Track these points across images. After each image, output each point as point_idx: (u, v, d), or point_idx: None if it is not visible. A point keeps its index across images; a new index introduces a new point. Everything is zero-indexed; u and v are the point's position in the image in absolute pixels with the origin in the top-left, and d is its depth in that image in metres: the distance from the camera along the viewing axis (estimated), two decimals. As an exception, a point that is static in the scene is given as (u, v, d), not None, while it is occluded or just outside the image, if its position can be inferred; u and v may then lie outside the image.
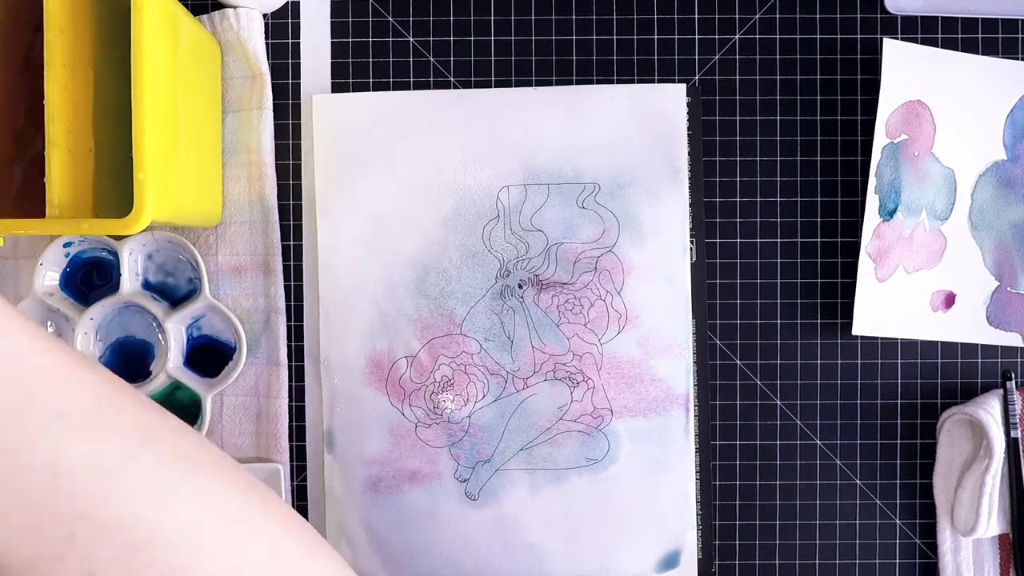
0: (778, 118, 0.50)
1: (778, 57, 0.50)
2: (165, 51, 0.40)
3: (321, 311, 0.50)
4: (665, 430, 0.49)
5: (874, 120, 0.48)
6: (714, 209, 0.50)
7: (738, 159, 0.50)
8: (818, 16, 0.50)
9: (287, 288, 0.50)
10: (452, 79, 0.50)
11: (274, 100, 0.50)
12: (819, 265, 0.50)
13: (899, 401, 0.50)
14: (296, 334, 0.50)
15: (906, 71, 0.47)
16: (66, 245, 0.49)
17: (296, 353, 0.50)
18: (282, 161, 0.50)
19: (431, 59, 0.50)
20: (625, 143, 0.49)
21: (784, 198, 0.50)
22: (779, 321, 0.50)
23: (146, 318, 0.50)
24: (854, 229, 0.50)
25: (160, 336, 0.50)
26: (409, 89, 0.50)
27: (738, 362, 0.50)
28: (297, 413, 0.51)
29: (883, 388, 0.50)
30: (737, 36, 0.50)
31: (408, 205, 0.50)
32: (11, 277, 0.50)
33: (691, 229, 0.50)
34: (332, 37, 0.50)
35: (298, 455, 0.51)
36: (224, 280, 0.50)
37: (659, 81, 0.50)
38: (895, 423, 0.50)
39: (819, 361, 0.50)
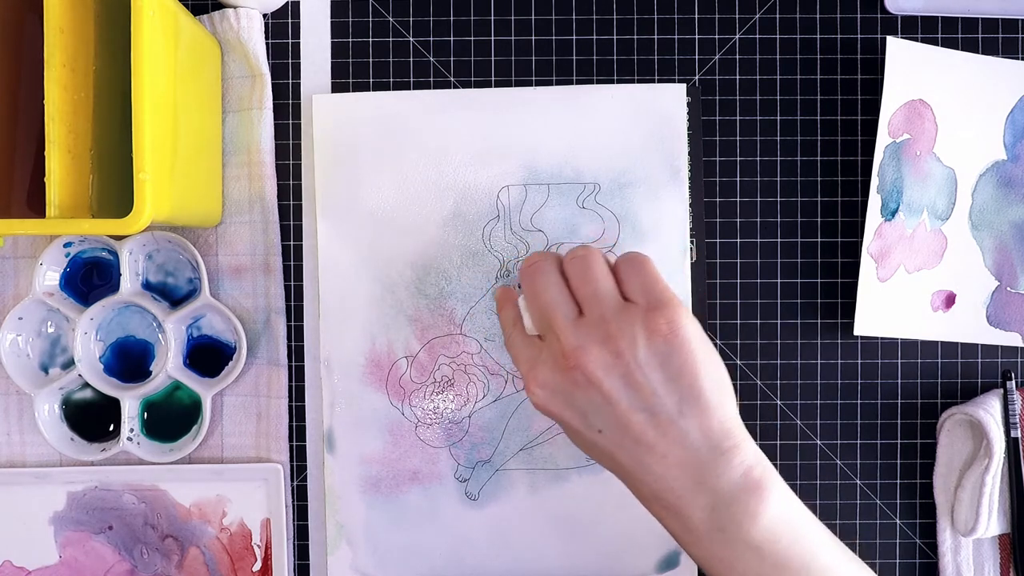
0: (778, 118, 0.50)
1: (778, 57, 0.50)
2: (165, 51, 0.40)
3: (321, 311, 0.50)
4: (665, 430, 0.49)
5: (874, 120, 0.48)
6: (714, 209, 0.50)
7: (738, 159, 0.50)
8: (818, 16, 0.50)
9: (287, 288, 0.50)
10: (452, 79, 0.50)
11: (274, 100, 0.50)
12: (819, 265, 0.50)
13: (899, 401, 0.50)
14: (296, 334, 0.50)
15: (909, 70, 0.47)
16: (66, 245, 0.49)
17: (296, 353, 0.50)
18: (282, 161, 0.50)
19: (431, 59, 0.50)
20: (625, 143, 0.49)
21: (784, 198, 0.50)
22: (779, 321, 0.50)
23: (146, 318, 0.50)
24: (854, 229, 0.50)
25: (160, 336, 0.50)
26: (409, 89, 0.50)
27: (738, 362, 0.50)
28: (297, 413, 0.51)
29: (883, 388, 0.50)
30: (737, 36, 0.50)
31: (408, 205, 0.50)
32: (11, 277, 0.50)
33: (691, 229, 0.50)
34: (332, 37, 0.50)
35: (298, 455, 0.51)
36: (224, 280, 0.50)
37: (659, 81, 0.50)
38: (895, 423, 0.50)
39: (819, 361, 0.50)
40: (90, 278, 0.50)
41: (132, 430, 0.49)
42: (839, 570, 0.38)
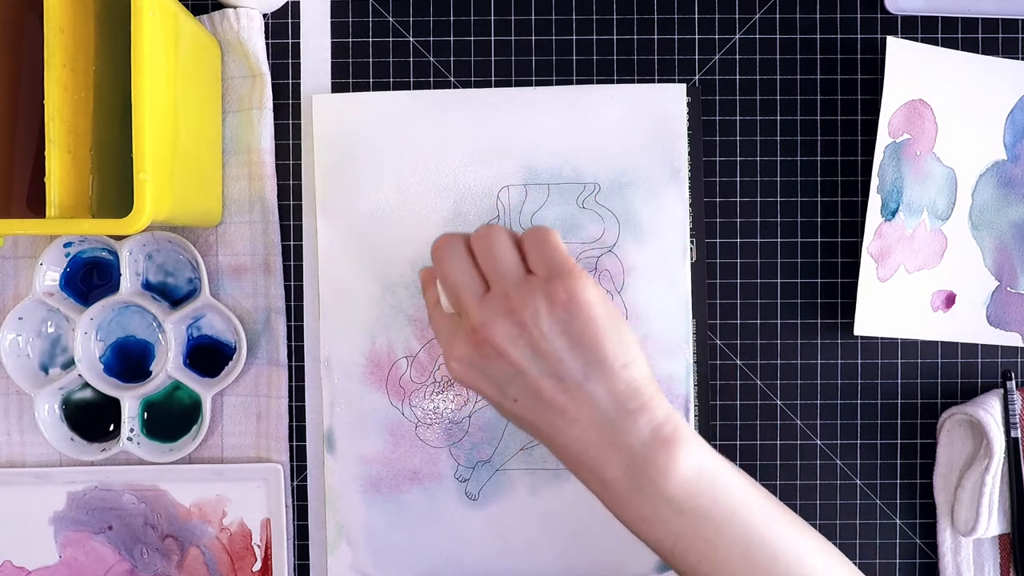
0: (778, 118, 0.50)
1: (778, 57, 0.50)
2: (165, 51, 0.40)
3: (321, 311, 0.50)
4: (665, 430, 0.49)
5: (874, 120, 0.48)
6: (714, 209, 0.50)
7: (738, 159, 0.50)
8: (818, 16, 0.50)
9: (287, 288, 0.50)
10: (452, 79, 0.50)
11: (274, 100, 0.50)
12: (819, 265, 0.50)
13: (899, 401, 0.50)
14: (296, 334, 0.50)
15: (909, 70, 0.47)
16: (66, 245, 0.49)
17: (296, 353, 0.50)
18: (282, 161, 0.50)
19: (431, 59, 0.50)
20: (625, 143, 0.49)
21: (784, 198, 0.50)
22: (779, 321, 0.50)
23: (146, 318, 0.50)
24: (854, 229, 0.50)
25: (160, 336, 0.50)
26: (409, 89, 0.50)
27: (738, 362, 0.50)
28: (297, 413, 0.51)
29: (883, 388, 0.50)
30: (737, 36, 0.50)
31: (408, 205, 0.50)
32: (11, 277, 0.50)
33: (691, 229, 0.50)
34: (332, 37, 0.50)
35: (298, 455, 0.51)
36: (224, 280, 0.50)
37: (659, 81, 0.50)
38: (895, 423, 0.50)
39: (819, 361, 0.50)
40: (90, 278, 0.50)
41: (132, 430, 0.49)
42: (766, 525, 0.38)
